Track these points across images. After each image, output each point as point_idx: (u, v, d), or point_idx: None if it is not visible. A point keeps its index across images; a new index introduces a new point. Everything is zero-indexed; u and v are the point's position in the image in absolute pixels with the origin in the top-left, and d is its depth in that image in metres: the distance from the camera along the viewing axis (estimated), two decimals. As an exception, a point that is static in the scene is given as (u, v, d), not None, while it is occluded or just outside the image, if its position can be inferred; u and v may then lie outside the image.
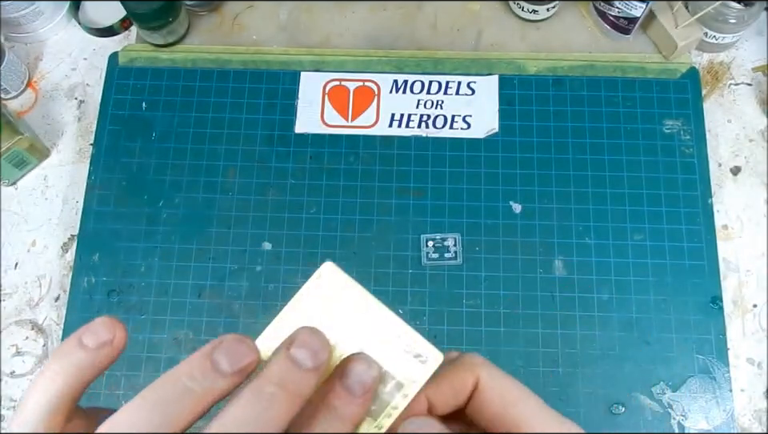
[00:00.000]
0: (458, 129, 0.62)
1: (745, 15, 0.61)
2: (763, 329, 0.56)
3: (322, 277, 0.24)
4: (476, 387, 0.26)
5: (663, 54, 0.64)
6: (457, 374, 0.26)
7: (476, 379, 0.26)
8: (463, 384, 0.26)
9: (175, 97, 0.63)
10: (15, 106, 0.65)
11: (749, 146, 0.62)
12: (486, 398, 0.25)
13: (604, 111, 0.62)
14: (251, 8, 0.68)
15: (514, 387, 0.26)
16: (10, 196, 0.62)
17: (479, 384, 0.26)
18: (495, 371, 0.26)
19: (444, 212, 0.59)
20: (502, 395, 0.25)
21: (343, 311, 0.24)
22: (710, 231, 0.58)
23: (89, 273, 0.58)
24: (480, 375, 0.26)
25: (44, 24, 0.66)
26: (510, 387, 0.26)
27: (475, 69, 0.64)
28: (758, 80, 0.64)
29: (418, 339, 0.24)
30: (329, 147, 0.62)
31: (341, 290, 0.24)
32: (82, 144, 0.63)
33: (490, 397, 0.25)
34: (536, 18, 0.65)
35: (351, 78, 0.64)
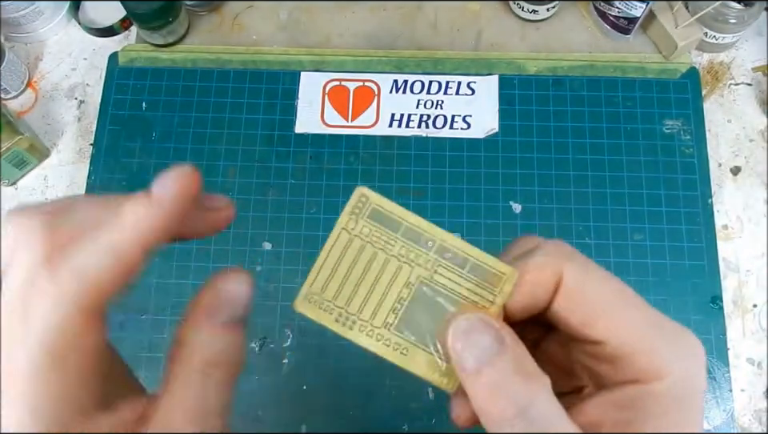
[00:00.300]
0: (457, 129, 0.62)
1: (745, 15, 0.61)
2: (763, 329, 0.57)
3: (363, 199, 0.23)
4: (559, 286, 0.21)
5: (663, 54, 0.64)
6: (534, 269, 0.21)
7: (559, 277, 0.21)
8: (543, 283, 0.21)
9: (175, 97, 0.63)
10: (15, 106, 0.65)
11: (749, 146, 0.62)
12: (571, 302, 0.21)
13: (604, 111, 0.62)
14: (251, 8, 0.68)
15: (610, 288, 0.20)
16: (10, 196, 0.62)
17: (563, 283, 0.21)
18: (585, 265, 0.21)
19: (444, 212, 0.59)
20: (593, 300, 0.20)
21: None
22: (710, 231, 0.58)
23: (89, 273, 0.58)
24: (565, 272, 0.21)
25: (44, 24, 0.66)
26: (603, 289, 0.20)
27: (475, 69, 0.64)
28: (758, 80, 0.64)
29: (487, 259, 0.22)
30: (329, 147, 0.62)
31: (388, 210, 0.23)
32: (81, 144, 0.63)
33: (577, 301, 0.20)
34: (536, 18, 0.65)
35: (351, 78, 0.64)
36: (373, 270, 0.23)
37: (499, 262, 0.22)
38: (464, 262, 0.22)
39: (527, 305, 0.22)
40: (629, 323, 0.20)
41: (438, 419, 0.53)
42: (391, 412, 0.53)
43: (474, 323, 0.21)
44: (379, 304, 0.23)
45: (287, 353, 0.55)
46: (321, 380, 0.54)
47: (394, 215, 0.23)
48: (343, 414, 0.53)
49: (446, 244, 0.22)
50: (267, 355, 0.55)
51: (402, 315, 0.23)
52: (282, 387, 0.54)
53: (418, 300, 0.23)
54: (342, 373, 0.54)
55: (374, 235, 0.23)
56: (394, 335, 0.23)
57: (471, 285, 0.22)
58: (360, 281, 0.23)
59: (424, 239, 0.22)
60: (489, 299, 0.22)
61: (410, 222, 0.23)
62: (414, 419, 0.53)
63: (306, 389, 0.54)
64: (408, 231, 0.23)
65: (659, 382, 0.19)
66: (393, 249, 0.23)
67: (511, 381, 0.19)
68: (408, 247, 0.23)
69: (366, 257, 0.23)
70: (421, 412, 0.53)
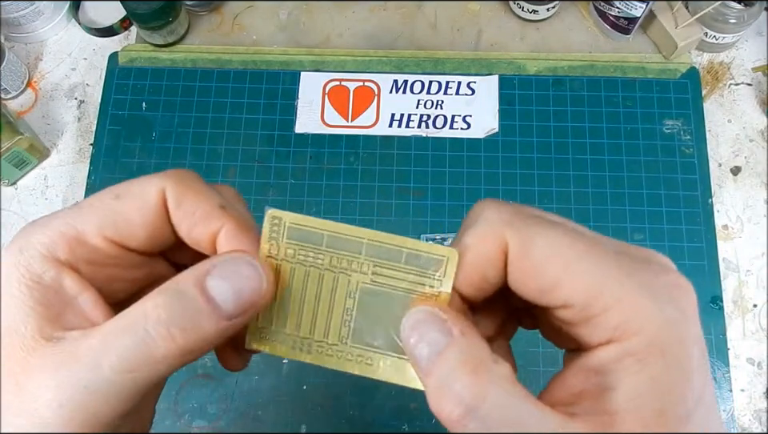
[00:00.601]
0: (457, 129, 0.62)
1: (745, 15, 0.61)
2: (763, 329, 0.56)
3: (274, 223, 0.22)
4: (506, 258, 0.19)
5: (663, 54, 0.64)
6: (474, 244, 0.20)
7: (504, 246, 0.19)
8: (487, 257, 0.19)
9: (175, 97, 0.63)
10: (15, 106, 0.65)
11: (749, 146, 0.62)
12: (521, 272, 0.19)
13: (604, 111, 0.62)
14: (251, 8, 0.68)
15: (558, 244, 0.18)
16: (10, 196, 0.62)
17: (509, 252, 0.19)
18: (527, 227, 0.19)
19: (444, 212, 0.59)
20: (543, 264, 0.18)
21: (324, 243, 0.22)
22: (710, 231, 0.58)
23: (89, 273, 0.58)
24: (507, 239, 0.19)
25: (44, 24, 0.66)
26: (551, 248, 0.18)
27: (475, 69, 0.64)
28: (758, 80, 0.64)
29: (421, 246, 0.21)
30: (329, 147, 0.62)
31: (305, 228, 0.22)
32: (81, 144, 0.63)
33: (527, 270, 0.19)
34: (536, 18, 0.65)
35: (351, 78, 0.64)
36: (311, 289, 0.22)
37: (435, 246, 0.21)
38: (399, 255, 0.21)
39: (479, 284, 0.20)
40: (588, 278, 0.18)
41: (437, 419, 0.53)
42: (391, 412, 0.53)
43: (421, 316, 0.20)
44: (328, 321, 0.22)
45: (287, 353, 0.55)
46: (321, 380, 0.54)
47: (313, 228, 0.22)
48: (343, 414, 0.53)
49: (375, 242, 0.21)
50: (267, 355, 0.55)
51: (355, 326, 0.22)
52: (282, 387, 0.54)
53: (366, 306, 0.22)
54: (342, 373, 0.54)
55: (300, 253, 0.22)
56: (353, 348, 0.22)
57: (414, 276, 0.21)
58: (302, 303, 0.22)
59: (351, 243, 0.21)
60: (436, 287, 0.21)
61: (331, 230, 0.22)
62: (414, 419, 0.53)
63: (305, 389, 0.54)
64: (332, 239, 0.22)
65: (636, 337, 0.17)
66: (323, 262, 0.22)
67: (457, 377, 0.18)
68: (338, 255, 0.22)
69: (299, 278, 0.22)
70: (421, 412, 0.53)
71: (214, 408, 0.53)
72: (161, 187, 0.21)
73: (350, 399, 0.54)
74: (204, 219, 0.21)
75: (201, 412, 0.53)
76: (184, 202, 0.21)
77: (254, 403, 0.54)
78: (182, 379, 0.54)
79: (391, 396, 0.54)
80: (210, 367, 0.54)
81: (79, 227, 0.21)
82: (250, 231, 0.22)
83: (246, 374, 0.54)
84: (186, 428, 0.53)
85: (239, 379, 0.54)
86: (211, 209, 0.22)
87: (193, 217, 0.21)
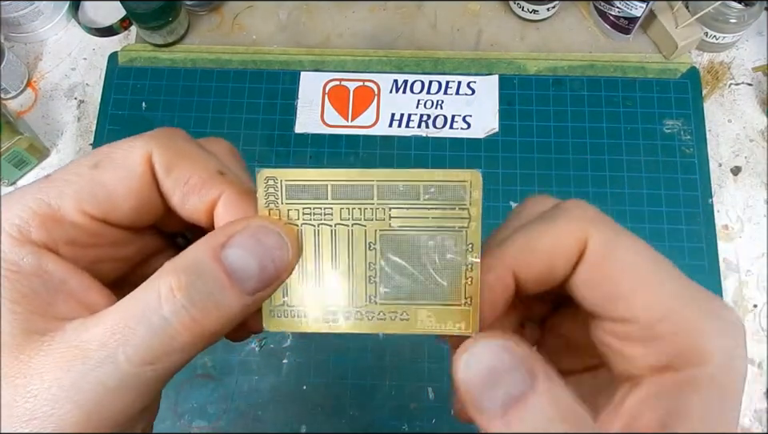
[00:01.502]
0: (457, 129, 0.62)
1: (745, 15, 0.61)
2: (763, 329, 0.56)
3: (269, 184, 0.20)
4: (582, 255, 0.18)
5: (663, 54, 0.64)
6: (553, 235, 0.18)
7: (583, 244, 0.18)
8: (563, 252, 0.18)
9: (175, 97, 0.63)
10: (15, 106, 0.65)
11: (749, 146, 0.62)
12: (596, 274, 0.18)
13: (604, 111, 0.62)
14: (251, 8, 0.68)
15: (642, 257, 0.17)
16: (10, 196, 0.62)
17: (587, 252, 0.18)
18: (613, 230, 0.18)
19: (444, 212, 0.59)
20: (623, 272, 0.17)
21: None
22: (711, 231, 0.58)
23: (89, 273, 0.58)
24: (590, 238, 0.18)
25: (44, 24, 0.66)
26: (635, 258, 0.17)
27: (475, 69, 0.64)
28: (759, 80, 0.64)
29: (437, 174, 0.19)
30: (329, 147, 0.62)
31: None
32: (81, 144, 0.63)
33: (604, 274, 0.17)
34: (536, 18, 0.65)
35: (351, 78, 0.64)
36: (325, 250, 0.19)
37: (452, 171, 0.19)
38: (416, 191, 0.19)
39: (543, 277, 0.18)
40: (664, 298, 0.17)
41: (437, 419, 0.53)
42: (391, 412, 0.53)
43: (492, 351, 0.17)
44: (351, 282, 0.20)
45: (287, 353, 0.55)
46: (321, 380, 0.54)
47: (314, 180, 0.19)
48: (343, 414, 0.53)
49: (387, 182, 0.19)
50: (267, 355, 0.55)
51: (382, 281, 0.19)
52: (282, 387, 0.54)
53: (390, 256, 0.19)
54: (342, 373, 0.54)
55: (305, 213, 0.19)
56: (384, 305, 0.20)
57: (438, 210, 0.19)
58: (318, 268, 0.20)
59: (360, 189, 0.19)
60: (463, 217, 0.19)
61: (335, 179, 0.19)
62: (414, 419, 0.53)
63: (305, 389, 0.54)
64: (338, 189, 0.19)
65: (700, 368, 0.16)
66: (333, 217, 0.19)
67: (553, 429, 0.16)
68: (348, 206, 0.19)
69: (309, 240, 0.19)
70: (421, 412, 0.53)
71: (214, 408, 0.53)
72: (146, 151, 0.19)
73: (350, 400, 0.54)
74: (200, 187, 0.19)
75: (201, 412, 0.53)
76: (175, 169, 0.19)
77: (253, 403, 0.54)
78: (182, 379, 0.54)
79: (391, 396, 0.54)
80: (209, 367, 0.54)
81: (53, 202, 0.18)
82: (252, 197, 0.20)
83: (246, 374, 0.54)
84: (186, 428, 0.53)
85: (239, 379, 0.54)
86: (208, 175, 0.19)
87: (186, 185, 0.19)
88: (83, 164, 0.19)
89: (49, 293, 0.17)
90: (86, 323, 0.17)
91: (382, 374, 0.54)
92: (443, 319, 0.19)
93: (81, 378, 0.16)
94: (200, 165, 0.19)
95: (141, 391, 0.17)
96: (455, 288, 0.19)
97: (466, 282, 0.19)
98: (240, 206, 0.19)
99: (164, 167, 0.19)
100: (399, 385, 0.54)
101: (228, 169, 0.20)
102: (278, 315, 0.20)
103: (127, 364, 0.16)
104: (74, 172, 0.19)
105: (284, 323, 0.20)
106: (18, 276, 0.17)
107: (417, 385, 0.54)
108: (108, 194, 0.18)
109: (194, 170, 0.19)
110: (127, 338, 0.16)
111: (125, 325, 0.17)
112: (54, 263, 0.18)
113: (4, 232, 0.17)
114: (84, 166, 0.19)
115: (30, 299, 0.17)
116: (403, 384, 0.54)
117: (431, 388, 0.54)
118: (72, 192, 0.18)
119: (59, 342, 0.17)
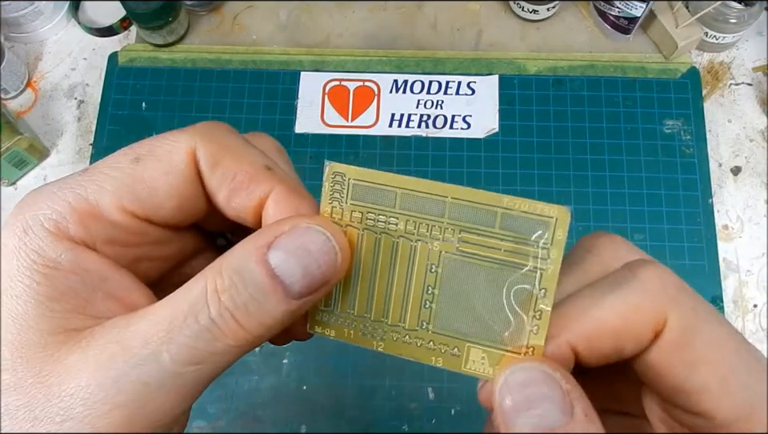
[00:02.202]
0: (457, 129, 0.62)
1: (745, 15, 0.61)
2: (763, 329, 0.56)
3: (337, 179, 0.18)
4: (658, 335, 0.16)
5: (663, 54, 0.64)
6: (627, 312, 0.15)
7: (661, 324, 0.15)
8: (635, 330, 0.16)
9: (175, 97, 0.63)
10: (15, 106, 0.65)
11: (749, 146, 0.62)
12: (674, 359, 0.15)
13: (604, 111, 0.62)
14: (251, 8, 0.68)
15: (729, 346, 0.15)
16: (10, 196, 0.62)
17: (665, 333, 0.15)
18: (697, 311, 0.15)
19: (444, 212, 0.59)
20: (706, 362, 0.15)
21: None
22: (711, 231, 0.58)
23: (88, 273, 0.58)
24: (669, 319, 0.15)
25: (44, 24, 0.66)
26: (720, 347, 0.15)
27: (475, 69, 0.64)
28: (759, 80, 0.64)
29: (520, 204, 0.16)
30: (329, 147, 0.62)
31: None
32: (81, 144, 0.63)
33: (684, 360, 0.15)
34: (536, 17, 0.65)
35: (351, 78, 0.64)
36: (383, 261, 0.18)
37: (538, 203, 0.16)
38: (491, 216, 0.17)
39: (608, 354, 0.16)
40: (743, 396, 0.15)
41: (437, 419, 0.53)
42: (391, 412, 0.53)
43: (536, 374, 0.16)
44: (405, 301, 0.18)
45: (287, 353, 0.55)
46: (321, 380, 0.54)
47: (383, 185, 0.18)
48: (343, 414, 0.53)
49: (461, 201, 0.17)
50: (267, 355, 0.55)
51: (438, 307, 0.18)
52: (282, 387, 0.54)
53: (451, 283, 0.18)
54: (342, 373, 0.54)
55: (368, 217, 0.18)
56: (436, 335, 0.18)
57: (511, 243, 0.17)
58: (373, 279, 0.18)
59: (431, 203, 0.17)
60: (541, 257, 0.17)
61: (406, 187, 0.17)
62: (414, 419, 0.53)
63: (305, 389, 0.54)
64: (407, 198, 0.17)
65: None
66: (397, 228, 0.18)
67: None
68: (415, 219, 0.17)
69: (368, 248, 0.18)
70: (421, 412, 0.53)
71: (214, 408, 0.53)
72: (190, 146, 0.18)
73: (350, 400, 0.54)
74: (247, 184, 0.18)
75: (201, 412, 0.53)
76: (221, 164, 0.18)
77: (253, 403, 0.54)
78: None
79: (391, 397, 0.54)
80: (209, 368, 0.54)
81: (92, 197, 0.17)
82: (303, 195, 0.18)
83: (246, 374, 0.54)
84: (186, 428, 0.53)
85: (239, 380, 0.54)
86: (255, 171, 0.18)
87: (233, 181, 0.18)
88: (124, 158, 0.18)
89: (87, 291, 0.17)
90: (129, 319, 0.16)
91: (382, 374, 0.54)
92: (494, 364, 0.17)
93: (122, 376, 0.15)
94: (247, 160, 0.18)
95: (183, 393, 0.16)
96: (518, 334, 0.17)
97: (531, 330, 0.17)
98: (291, 203, 0.18)
99: (209, 163, 0.18)
100: (399, 385, 0.54)
101: (276, 165, 0.19)
102: (324, 319, 0.19)
103: (171, 364, 0.16)
104: (113, 166, 0.18)
105: (329, 328, 0.19)
106: (55, 273, 0.16)
107: (417, 385, 0.54)
108: (149, 191, 0.18)
109: (240, 165, 0.18)
110: (171, 337, 0.16)
111: (169, 323, 0.16)
112: (94, 261, 0.17)
113: (41, 227, 0.17)
114: (124, 160, 0.18)
115: (69, 297, 0.16)
116: (403, 384, 0.54)
117: (431, 388, 0.54)
118: (112, 188, 0.17)
119: (99, 338, 0.16)
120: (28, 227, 0.17)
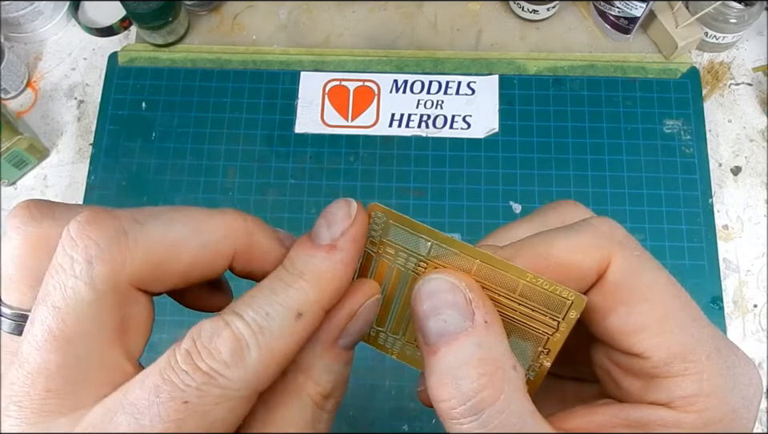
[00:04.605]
0: (457, 129, 0.62)
1: (745, 15, 0.61)
2: (763, 329, 0.56)
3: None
4: (601, 276, 0.17)
5: (663, 53, 0.64)
6: (574, 250, 0.17)
7: (604, 265, 0.17)
8: (582, 269, 0.17)
9: (175, 97, 0.63)
10: (15, 106, 0.65)
11: (749, 146, 0.62)
12: (614, 301, 0.16)
13: (604, 111, 0.62)
14: (251, 8, 0.68)
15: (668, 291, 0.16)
16: (10, 196, 0.62)
17: (607, 274, 0.17)
18: (640, 256, 0.17)
19: (444, 212, 0.59)
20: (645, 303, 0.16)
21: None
22: (711, 231, 0.58)
23: (88, 273, 0.58)
24: (613, 261, 0.16)
25: (44, 24, 0.66)
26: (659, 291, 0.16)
27: (475, 69, 0.64)
28: (759, 80, 0.64)
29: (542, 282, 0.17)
30: (329, 147, 0.62)
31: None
32: (81, 144, 0.63)
33: (623, 301, 0.16)
34: (536, 17, 0.65)
35: (351, 78, 0.64)
36: (407, 296, 0.20)
37: (558, 286, 0.17)
38: (513, 284, 0.18)
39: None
40: (680, 338, 0.16)
41: (437, 419, 0.53)
42: (391, 413, 0.53)
43: (442, 284, 0.17)
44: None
45: (287, 353, 0.55)
46: (321, 380, 0.54)
47: (419, 234, 0.19)
48: (343, 414, 0.53)
49: (488, 266, 0.18)
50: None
51: None
52: (282, 387, 0.54)
53: None
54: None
55: (400, 256, 0.19)
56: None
57: (526, 309, 0.18)
58: (395, 306, 0.21)
59: (460, 260, 0.18)
60: (551, 326, 0.18)
61: (440, 241, 0.19)
62: (414, 419, 0.53)
63: (305, 389, 0.54)
64: (439, 250, 0.19)
65: (697, 414, 0.16)
66: (425, 271, 0.19)
67: (467, 374, 0.16)
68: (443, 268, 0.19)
69: (395, 282, 0.20)
70: (421, 412, 0.53)
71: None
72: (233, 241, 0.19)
73: (350, 400, 0.54)
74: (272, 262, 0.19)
75: (201, 412, 0.53)
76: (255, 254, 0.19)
77: (253, 403, 0.54)
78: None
79: (391, 397, 0.54)
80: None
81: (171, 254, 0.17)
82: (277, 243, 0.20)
83: (246, 374, 0.54)
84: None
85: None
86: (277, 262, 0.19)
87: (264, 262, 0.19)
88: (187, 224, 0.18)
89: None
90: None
91: (382, 374, 0.54)
92: None
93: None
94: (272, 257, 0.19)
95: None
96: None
97: (528, 376, 0.19)
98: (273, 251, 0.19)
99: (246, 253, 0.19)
100: (399, 385, 0.54)
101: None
102: (373, 334, 0.22)
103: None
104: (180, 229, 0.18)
105: (376, 344, 0.22)
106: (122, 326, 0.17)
107: (417, 385, 0.54)
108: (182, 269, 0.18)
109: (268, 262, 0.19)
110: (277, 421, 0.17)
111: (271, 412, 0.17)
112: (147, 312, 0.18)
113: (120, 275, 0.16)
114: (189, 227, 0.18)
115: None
116: (403, 384, 0.54)
117: (431, 388, 0.54)
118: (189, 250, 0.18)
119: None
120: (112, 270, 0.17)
